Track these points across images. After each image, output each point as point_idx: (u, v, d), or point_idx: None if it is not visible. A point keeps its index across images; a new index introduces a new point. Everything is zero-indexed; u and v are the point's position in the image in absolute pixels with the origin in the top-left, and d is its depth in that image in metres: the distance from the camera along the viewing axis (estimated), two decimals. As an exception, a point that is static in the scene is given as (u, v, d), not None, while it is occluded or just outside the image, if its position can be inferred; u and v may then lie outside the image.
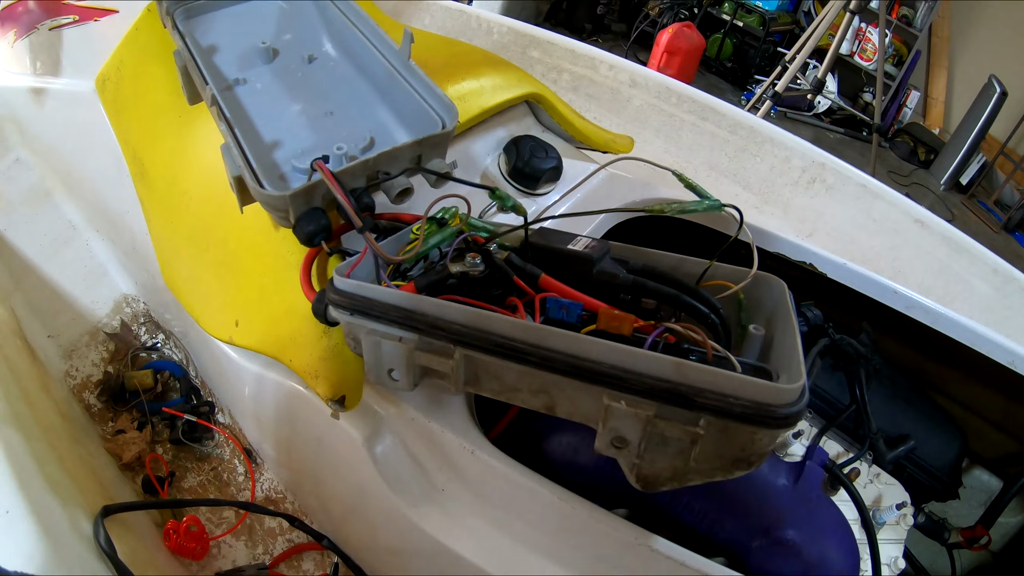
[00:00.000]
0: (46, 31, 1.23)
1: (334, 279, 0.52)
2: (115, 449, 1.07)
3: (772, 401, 0.41)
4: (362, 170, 0.59)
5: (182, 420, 1.10)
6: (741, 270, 0.57)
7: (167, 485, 1.04)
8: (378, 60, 0.75)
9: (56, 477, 0.73)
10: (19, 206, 1.33)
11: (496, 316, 0.46)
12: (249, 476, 1.04)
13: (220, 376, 1.08)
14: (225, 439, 1.11)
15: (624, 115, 1.62)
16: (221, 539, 0.97)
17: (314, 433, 0.81)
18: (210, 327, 0.89)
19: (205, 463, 1.10)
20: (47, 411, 0.94)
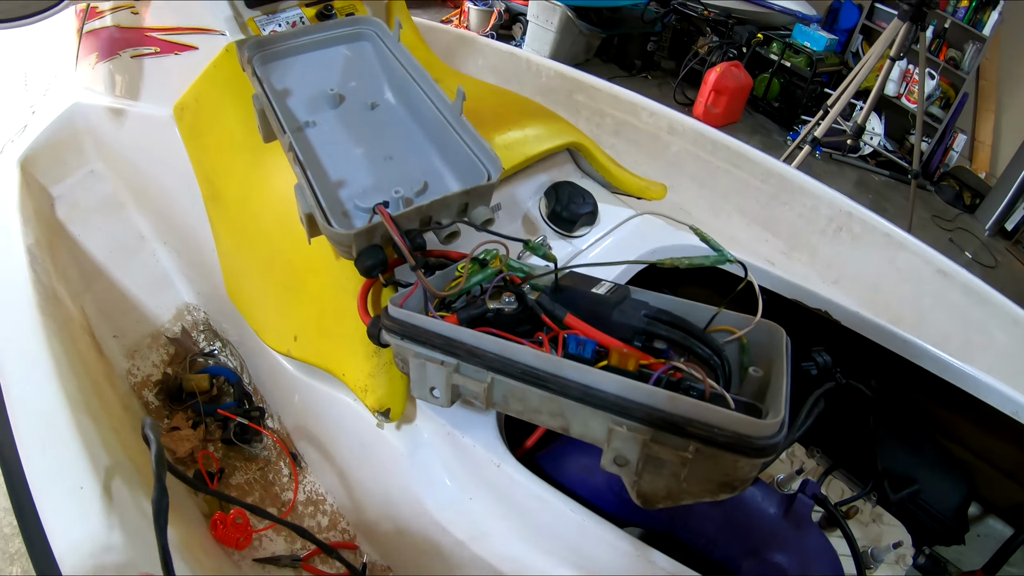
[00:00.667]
0: (128, 58, 1.31)
1: (388, 308, 0.60)
2: (170, 444, 1.15)
3: (752, 433, 0.48)
4: (416, 215, 0.68)
5: (234, 422, 1.17)
6: (747, 317, 0.65)
7: (216, 480, 1.12)
8: (433, 112, 0.83)
9: (121, 461, 0.82)
10: (93, 214, 1.43)
11: (523, 348, 0.54)
12: (293, 478, 1.11)
13: (273, 384, 1.15)
14: (273, 442, 1.18)
15: (662, 160, 1.67)
16: (263, 532, 1.04)
17: (358, 440, 0.88)
18: (270, 340, 0.97)
19: (252, 463, 1.18)
20: (112, 403, 1.03)
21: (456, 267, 0.68)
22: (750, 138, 4.65)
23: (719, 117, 4.63)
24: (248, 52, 0.90)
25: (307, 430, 1.07)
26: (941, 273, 1.31)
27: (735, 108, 4.63)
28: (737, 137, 4.36)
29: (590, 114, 1.78)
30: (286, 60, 0.94)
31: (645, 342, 0.62)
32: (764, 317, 0.64)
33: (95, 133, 1.44)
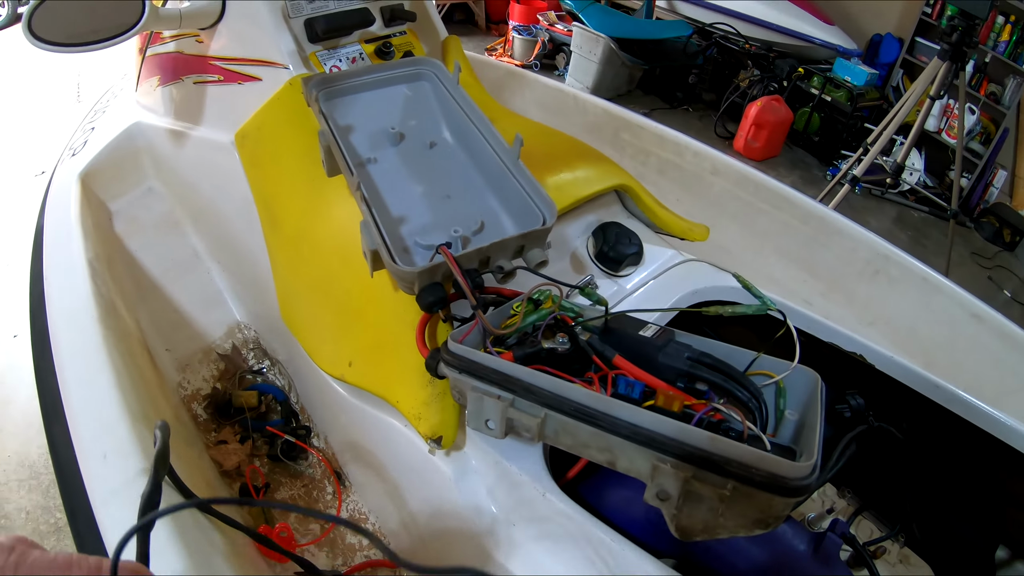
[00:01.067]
0: (190, 84, 1.37)
1: (448, 344, 0.65)
2: (217, 456, 1.20)
3: (786, 474, 0.51)
4: (476, 256, 0.72)
5: (281, 439, 1.22)
6: (784, 362, 0.68)
7: (262, 494, 1.16)
8: (490, 154, 0.87)
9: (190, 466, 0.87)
10: (150, 230, 1.49)
11: (577, 388, 0.58)
12: (336, 496, 1.15)
13: (322, 405, 1.19)
14: (318, 461, 1.22)
15: (704, 199, 1.70)
16: (306, 547, 1.08)
17: (406, 463, 0.92)
18: (324, 363, 1.01)
19: (297, 480, 1.22)
20: (166, 414, 1.07)
21: (511, 305, 0.72)
22: (790, 172, 4.66)
23: (759, 151, 4.65)
24: (314, 88, 0.94)
25: (353, 451, 1.10)
26: (976, 317, 1.31)
27: (775, 142, 4.65)
28: (776, 171, 4.38)
29: (635, 152, 1.82)
30: (349, 97, 0.99)
31: (688, 383, 0.65)
32: (801, 360, 0.67)
33: (154, 152, 1.50)
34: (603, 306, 0.70)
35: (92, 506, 0.81)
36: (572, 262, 0.99)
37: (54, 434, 0.96)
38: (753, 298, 0.69)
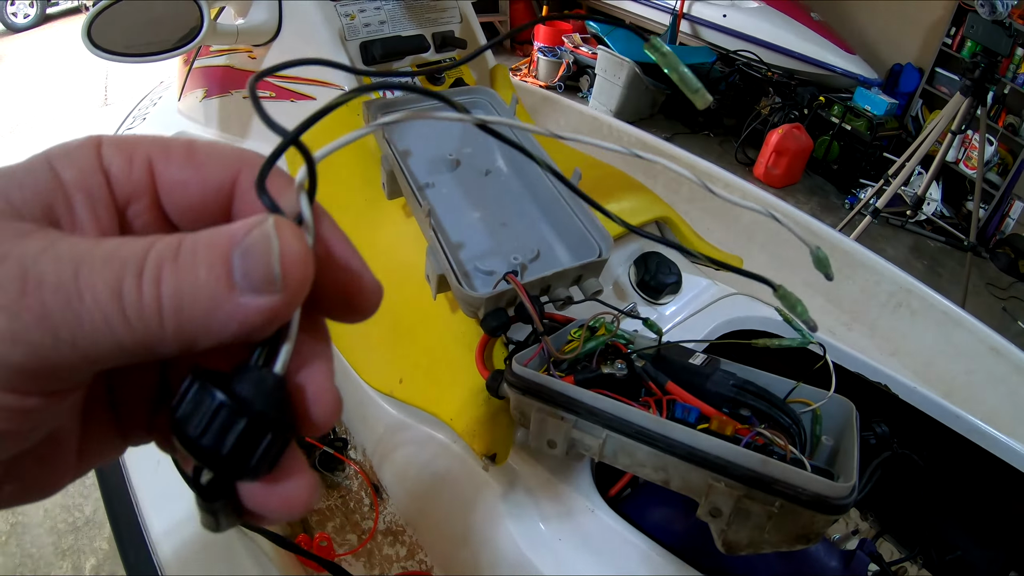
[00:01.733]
0: (239, 98, 1.41)
1: (513, 366, 0.70)
2: None
3: (829, 494, 0.56)
4: (539, 284, 0.77)
5: (320, 451, 1.25)
6: (820, 391, 0.73)
7: None
8: (545, 184, 0.92)
9: None
10: (193, 238, 1.54)
11: (637, 411, 0.63)
12: (374, 507, 1.19)
13: (363, 419, 1.22)
14: (355, 472, 1.26)
15: (734, 229, 1.75)
16: (343, 558, 1.11)
17: (455, 478, 0.95)
18: (372, 380, 1.05)
19: (335, 491, 1.25)
20: None
21: (568, 331, 0.77)
22: (808, 199, 4.71)
23: (779, 178, 4.70)
24: (376, 112, 0.98)
25: (393, 464, 1.13)
26: (994, 351, 1.35)
27: (795, 170, 4.71)
28: (795, 198, 4.43)
29: (667, 181, 1.86)
30: (407, 123, 1.04)
31: (732, 409, 0.70)
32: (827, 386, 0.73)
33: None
34: (657, 335, 0.75)
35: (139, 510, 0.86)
36: (615, 290, 1.04)
37: None
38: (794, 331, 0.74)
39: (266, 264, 0.23)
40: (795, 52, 5.00)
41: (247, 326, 0.23)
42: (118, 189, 0.26)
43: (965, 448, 0.95)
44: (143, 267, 0.22)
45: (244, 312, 0.23)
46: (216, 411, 0.23)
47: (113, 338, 0.22)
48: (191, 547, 0.84)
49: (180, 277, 0.22)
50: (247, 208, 0.28)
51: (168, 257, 0.22)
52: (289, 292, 0.23)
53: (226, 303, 0.23)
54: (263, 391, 0.24)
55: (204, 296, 0.22)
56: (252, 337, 0.24)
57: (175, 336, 0.22)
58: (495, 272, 0.82)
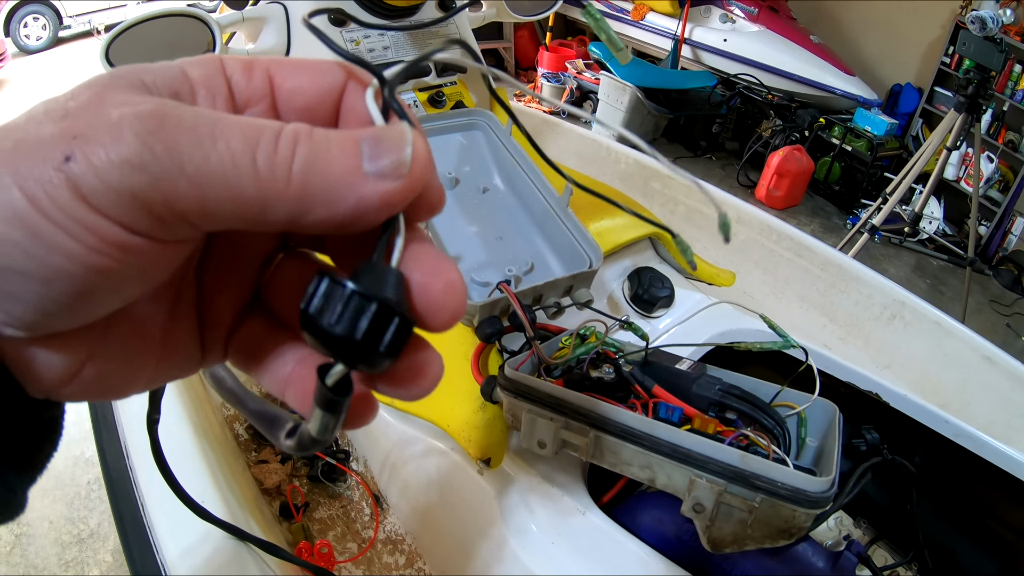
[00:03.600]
0: None
1: (505, 370, 0.73)
2: (259, 475, 1.25)
3: (807, 488, 0.59)
4: (531, 293, 0.81)
5: (322, 461, 1.27)
6: (806, 395, 0.76)
7: (301, 512, 1.21)
8: (540, 200, 0.96)
9: (230, 481, 0.94)
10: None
11: (624, 411, 0.66)
12: (374, 517, 1.21)
13: (364, 430, 1.24)
14: (356, 483, 1.29)
15: (729, 247, 1.78)
16: (342, 564, 1.13)
17: (451, 484, 0.97)
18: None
19: (336, 501, 1.27)
20: (216, 428, 1.14)
21: (560, 339, 0.80)
22: (810, 220, 4.73)
23: (781, 200, 4.73)
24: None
25: (394, 473, 1.14)
26: (987, 359, 1.37)
27: (797, 191, 4.74)
28: (797, 219, 4.46)
29: (664, 200, 1.90)
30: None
31: (719, 412, 0.73)
32: (820, 396, 0.75)
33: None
34: (645, 341, 0.78)
35: (146, 512, 0.89)
36: (609, 303, 1.07)
37: (104, 443, 1.04)
38: (779, 338, 0.77)
39: (398, 153, 0.25)
40: (795, 75, 5.05)
41: (364, 204, 0.25)
42: (237, 93, 0.28)
43: (957, 453, 0.97)
44: (280, 133, 0.24)
45: (364, 190, 0.25)
46: (347, 301, 0.25)
47: (237, 184, 0.23)
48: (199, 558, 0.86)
49: (314, 148, 0.24)
50: (353, 109, 0.30)
51: (304, 132, 0.25)
52: (412, 179, 0.26)
53: (352, 178, 0.25)
54: (387, 281, 0.26)
55: (334, 167, 0.25)
56: (363, 216, 0.26)
57: (295, 197, 0.24)
58: (490, 283, 0.86)
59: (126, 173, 0.22)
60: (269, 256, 0.33)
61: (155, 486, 0.90)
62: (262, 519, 1.01)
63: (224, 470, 0.99)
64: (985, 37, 2.80)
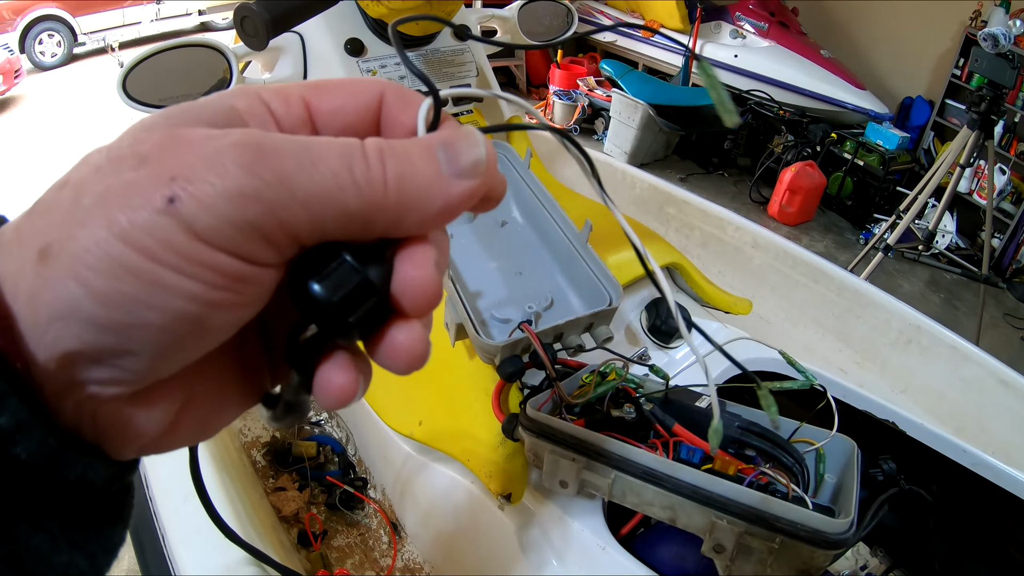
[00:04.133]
0: None
1: (527, 410, 0.74)
2: (276, 502, 1.26)
3: (826, 529, 0.60)
4: (552, 332, 0.81)
5: (340, 489, 1.29)
6: (824, 431, 0.77)
7: (319, 540, 1.22)
8: (559, 235, 0.96)
9: (248, 509, 0.95)
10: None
11: (644, 452, 0.67)
12: (392, 545, 1.22)
13: (383, 459, 1.26)
14: (374, 511, 1.30)
15: (745, 272, 1.78)
16: None
17: (471, 517, 0.98)
18: (392, 422, 1.08)
19: (354, 528, 1.28)
20: (234, 456, 1.16)
21: (580, 377, 0.81)
22: (823, 236, 4.72)
23: (793, 216, 4.73)
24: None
25: (412, 503, 1.15)
26: (1004, 384, 1.37)
27: (809, 207, 4.74)
28: (810, 236, 4.44)
29: (679, 226, 1.91)
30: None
31: (738, 449, 0.74)
32: (838, 428, 0.76)
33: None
34: (664, 380, 0.79)
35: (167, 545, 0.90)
36: (627, 335, 1.07)
37: None
38: (797, 373, 0.78)
39: (474, 154, 0.28)
40: (806, 90, 5.06)
41: (451, 204, 0.27)
42: (279, 120, 0.29)
43: (975, 481, 0.97)
44: (365, 151, 0.26)
45: (451, 191, 0.27)
46: (336, 268, 0.26)
47: (343, 200, 0.24)
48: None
49: (399, 160, 0.26)
50: (394, 122, 0.31)
51: (384, 146, 0.26)
52: (488, 175, 0.28)
53: (438, 182, 0.27)
54: (378, 265, 0.27)
55: (421, 175, 0.26)
56: (447, 216, 0.28)
57: (395, 205, 0.26)
58: (511, 320, 0.87)
59: (240, 204, 0.22)
60: None
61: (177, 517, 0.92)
62: (280, 547, 1.03)
63: (243, 497, 1.00)
64: (997, 54, 2.80)
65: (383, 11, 1.17)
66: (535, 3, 1.56)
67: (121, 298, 0.22)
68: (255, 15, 0.90)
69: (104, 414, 0.25)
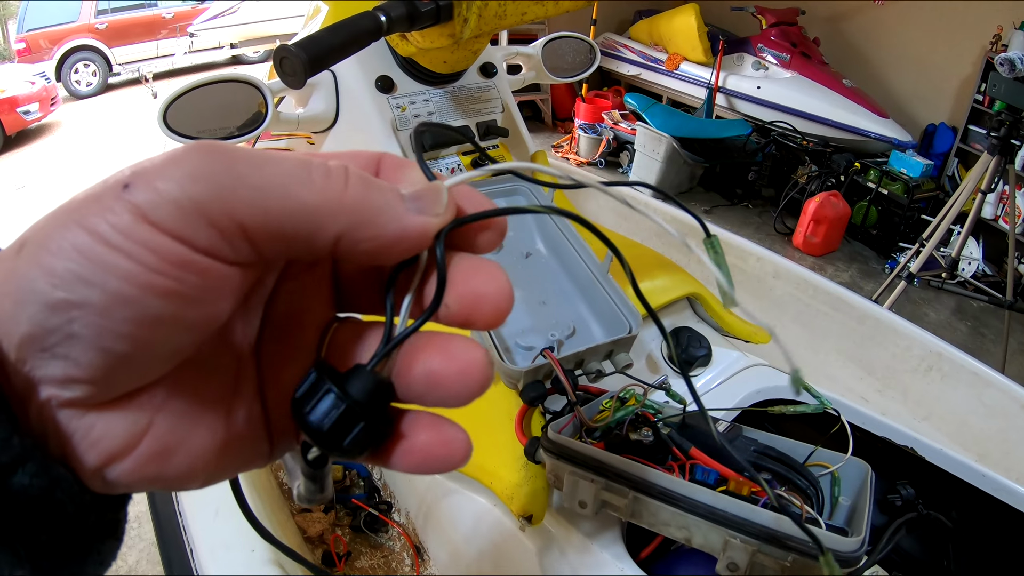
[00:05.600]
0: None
1: (548, 433, 0.76)
2: (302, 523, 1.29)
3: (837, 547, 0.62)
4: (573, 359, 0.84)
5: (365, 512, 1.31)
6: (839, 455, 0.79)
7: (343, 561, 1.25)
8: (581, 265, 0.99)
9: (275, 529, 0.98)
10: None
11: (662, 474, 0.69)
12: (415, 568, 1.24)
13: (407, 481, 1.29)
14: (398, 534, 1.32)
15: (766, 301, 1.80)
16: None
17: (492, 540, 1.00)
18: None
19: (377, 551, 1.31)
20: (263, 476, 1.19)
21: (600, 402, 0.83)
22: (848, 266, 4.70)
23: (818, 246, 4.72)
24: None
25: (435, 525, 1.17)
26: (1027, 409, 1.36)
27: (834, 237, 4.73)
28: (835, 266, 4.42)
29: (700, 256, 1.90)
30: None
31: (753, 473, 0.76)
32: (855, 453, 0.78)
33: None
34: (682, 405, 0.82)
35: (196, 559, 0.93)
36: (648, 363, 1.10)
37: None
38: (812, 397, 0.80)
39: (436, 197, 0.29)
40: (829, 120, 5.07)
41: (407, 233, 0.28)
42: None
43: (997, 507, 0.98)
44: (328, 161, 0.27)
45: (408, 221, 0.28)
46: (323, 396, 0.28)
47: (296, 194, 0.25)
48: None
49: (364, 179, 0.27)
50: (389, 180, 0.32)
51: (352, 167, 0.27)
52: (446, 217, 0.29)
53: (398, 205, 0.28)
54: (365, 388, 0.29)
55: (380, 195, 0.27)
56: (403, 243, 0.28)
57: (352, 207, 0.26)
58: (534, 347, 0.90)
59: (187, 186, 0.23)
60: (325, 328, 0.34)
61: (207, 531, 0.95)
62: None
63: (270, 517, 1.03)
64: (1015, 78, 2.81)
65: (412, 50, 1.21)
66: (559, 40, 1.60)
67: (68, 275, 0.22)
68: (294, 56, 0.94)
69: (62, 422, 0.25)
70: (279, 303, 0.33)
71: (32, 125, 7.14)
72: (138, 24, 9.30)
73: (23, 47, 8.63)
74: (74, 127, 7.45)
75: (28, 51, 8.62)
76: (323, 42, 0.97)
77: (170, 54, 9.36)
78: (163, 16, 9.48)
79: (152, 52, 9.31)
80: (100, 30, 8.97)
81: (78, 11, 8.91)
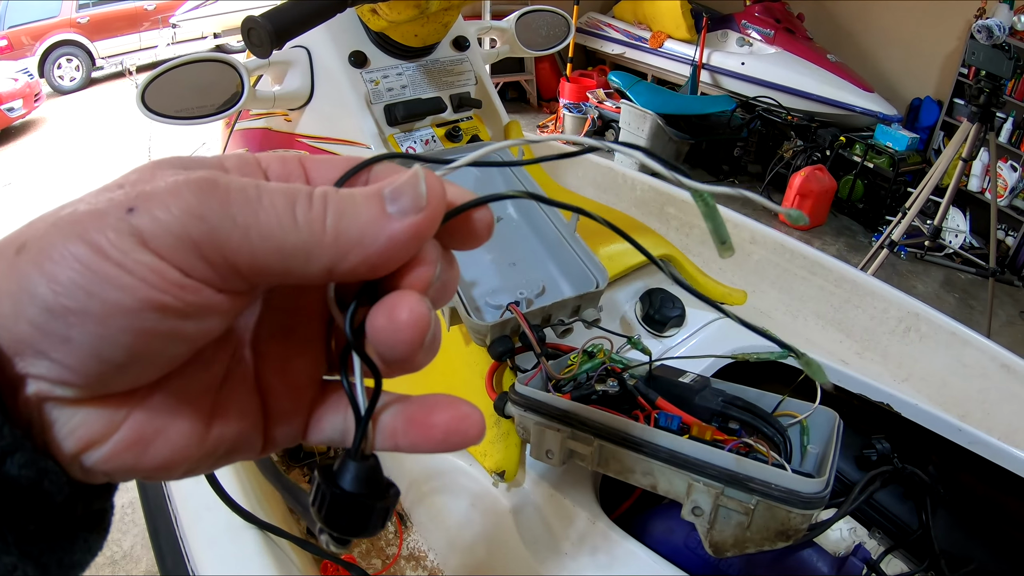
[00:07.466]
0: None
1: (516, 386, 0.77)
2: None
3: (800, 489, 0.62)
4: (539, 313, 0.85)
5: None
6: (808, 404, 0.79)
7: None
8: (551, 227, 1.00)
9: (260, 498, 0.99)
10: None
11: (625, 420, 0.69)
12: (398, 534, 1.24)
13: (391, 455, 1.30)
14: None
15: (744, 267, 1.81)
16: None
17: (469, 500, 1.01)
18: None
19: None
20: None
21: (569, 357, 0.84)
22: (835, 240, 4.72)
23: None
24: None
25: (417, 492, 1.18)
26: (1005, 367, 1.37)
27: (820, 211, 4.74)
28: (822, 240, 4.44)
29: (679, 225, 1.95)
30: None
31: (721, 423, 0.76)
32: (832, 408, 0.78)
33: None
34: (648, 356, 0.82)
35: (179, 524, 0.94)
36: (622, 324, 1.10)
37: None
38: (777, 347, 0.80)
39: (414, 191, 0.29)
40: (814, 95, 5.08)
41: (397, 240, 0.28)
42: (272, 175, 0.32)
43: (975, 462, 0.99)
44: (311, 194, 0.27)
45: (394, 228, 0.28)
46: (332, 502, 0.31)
47: (282, 236, 0.26)
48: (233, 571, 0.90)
49: (342, 203, 0.28)
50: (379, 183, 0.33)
51: (331, 191, 0.28)
52: (430, 210, 0.29)
53: (381, 220, 0.28)
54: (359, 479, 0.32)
55: (363, 215, 0.28)
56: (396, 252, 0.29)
57: (331, 243, 0.27)
58: (503, 305, 0.90)
59: (185, 221, 0.25)
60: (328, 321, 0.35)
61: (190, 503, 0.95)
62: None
63: (255, 488, 1.04)
64: (993, 45, 2.81)
65: (383, 24, 1.21)
66: (532, 14, 1.59)
67: (70, 284, 0.24)
68: (260, 26, 0.95)
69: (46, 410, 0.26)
70: (279, 296, 0.34)
71: (16, 122, 7.10)
72: (120, 17, 9.22)
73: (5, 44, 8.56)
74: (59, 123, 7.41)
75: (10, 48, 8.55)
76: (289, 13, 0.97)
77: (153, 46, 9.30)
78: (145, 8, 9.41)
79: (135, 44, 9.25)
80: (82, 24, 8.90)
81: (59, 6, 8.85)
